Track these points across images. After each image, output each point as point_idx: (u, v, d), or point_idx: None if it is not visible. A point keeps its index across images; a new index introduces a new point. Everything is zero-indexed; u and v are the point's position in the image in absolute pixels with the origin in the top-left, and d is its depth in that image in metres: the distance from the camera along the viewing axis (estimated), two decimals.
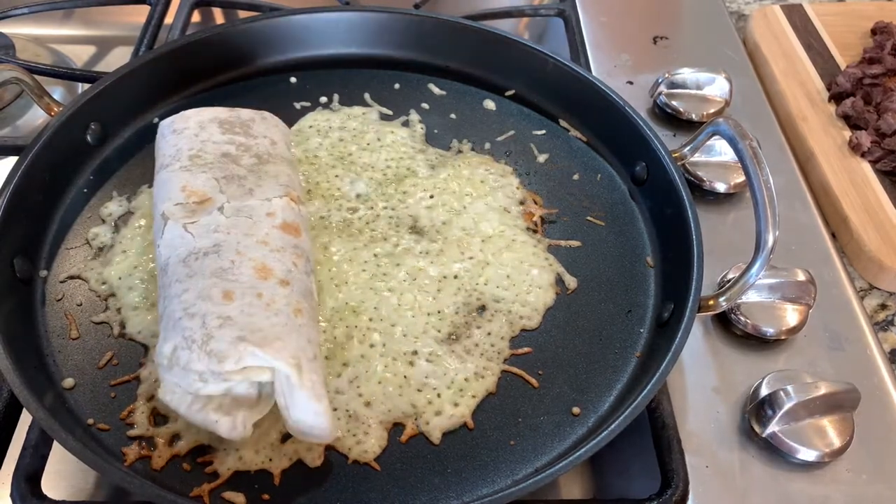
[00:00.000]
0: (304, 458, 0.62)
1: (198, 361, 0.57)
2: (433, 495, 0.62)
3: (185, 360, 0.58)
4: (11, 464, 0.62)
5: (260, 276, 0.63)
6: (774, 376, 0.70)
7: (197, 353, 0.57)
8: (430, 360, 0.69)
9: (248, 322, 0.59)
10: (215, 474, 0.61)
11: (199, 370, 0.57)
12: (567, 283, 0.76)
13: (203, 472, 0.62)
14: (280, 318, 0.60)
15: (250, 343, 0.58)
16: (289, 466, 0.62)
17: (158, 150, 0.76)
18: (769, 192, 0.66)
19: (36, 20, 1.13)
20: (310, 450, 0.63)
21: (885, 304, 0.85)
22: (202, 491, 0.60)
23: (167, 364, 0.59)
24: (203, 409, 0.58)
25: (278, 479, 0.61)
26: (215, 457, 0.62)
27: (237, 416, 0.59)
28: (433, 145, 0.89)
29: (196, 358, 0.57)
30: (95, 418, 0.64)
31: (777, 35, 1.11)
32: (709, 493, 0.66)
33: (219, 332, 0.58)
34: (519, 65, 0.93)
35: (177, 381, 0.58)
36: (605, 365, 0.71)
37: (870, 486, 0.67)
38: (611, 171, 0.87)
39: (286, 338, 0.59)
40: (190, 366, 0.57)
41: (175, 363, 0.58)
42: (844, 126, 0.98)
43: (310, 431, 0.59)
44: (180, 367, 0.58)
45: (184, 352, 0.58)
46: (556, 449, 0.65)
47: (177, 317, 0.60)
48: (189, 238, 0.66)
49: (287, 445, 0.63)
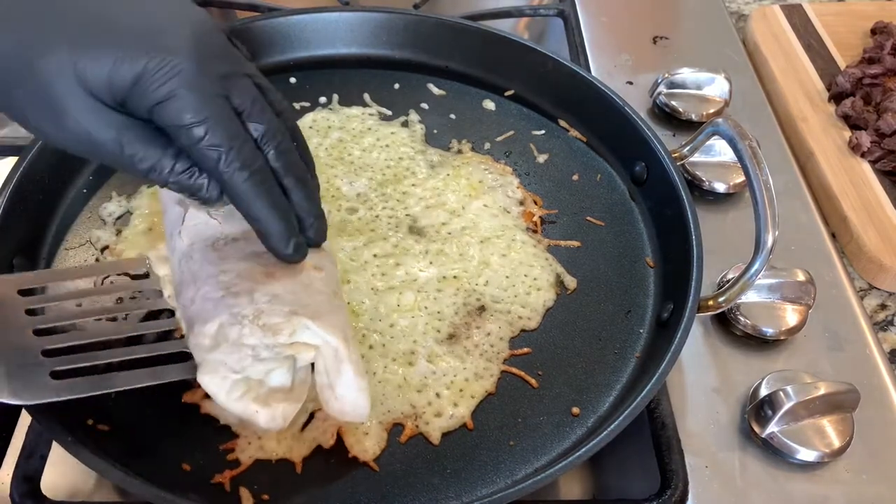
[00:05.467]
0: (322, 443, 0.63)
1: (250, 336, 0.56)
2: (432, 495, 0.62)
3: (236, 336, 0.57)
4: (11, 464, 0.62)
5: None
6: (774, 376, 0.70)
7: (249, 328, 0.57)
8: (430, 361, 0.69)
9: (295, 298, 0.59)
10: (237, 462, 0.62)
11: (252, 344, 0.56)
12: (567, 283, 0.76)
13: (225, 458, 0.62)
14: (322, 297, 0.60)
15: (303, 316, 0.57)
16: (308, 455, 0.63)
17: None
18: (769, 192, 0.66)
19: None
20: (325, 432, 0.63)
21: (885, 304, 0.85)
22: (224, 478, 0.60)
23: (210, 344, 0.57)
24: (243, 398, 0.57)
25: (300, 468, 0.62)
26: (237, 444, 0.62)
27: (276, 408, 0.58)
28: (433, 145, 0.89)
29: (248, 332, 0.56)
30: (95, 418, 0.64)
31: (777, 35, 1.11)
32: (708, 493, 0.66)
33: (269, 307, 0.58)
34: (519, 65, 0.93)
35: (223, 359, 0.57)
36: (604, 365, 0.71)
37: (870, 486, 0.67)
38: (610, 171, 0.87)
39: (333, 314, 0.59)
40: (242, 340, 0.56)
41: (222, 340, 0.57)
42: (844, 126, 0.98)
43: (351, 409, 0.59)
44: (229, 343, 0.57)
45: (233, 328, 0.57)
46: (556, 449, 0.65)
47: (217, 296, 0.59)
48: (214, 224, 0.65)
49: (306, 432, 0.63)
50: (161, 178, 0.54)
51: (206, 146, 0.52)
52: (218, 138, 0.52)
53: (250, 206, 0.55)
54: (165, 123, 0.51)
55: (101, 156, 0.53)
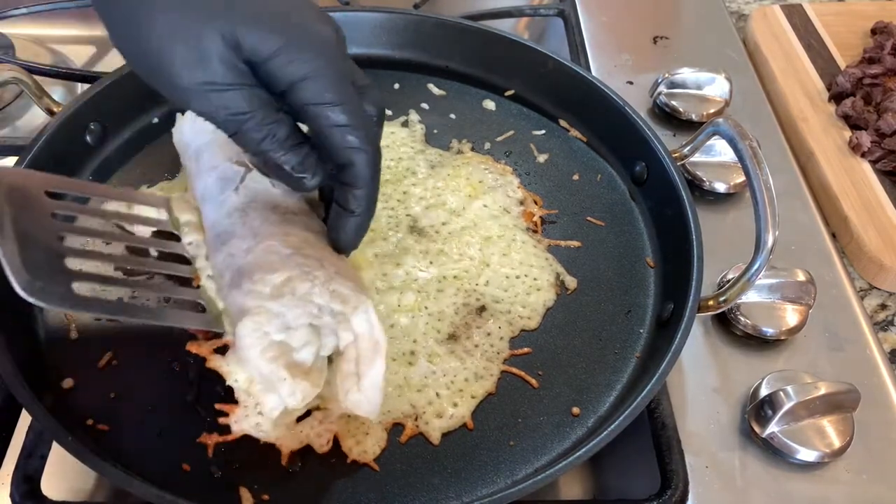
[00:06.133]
0: (313, 444, 0.62)
1: (319, 296, 0.57)
2: (432, 496, 0.62)
3: (304, 291, 0.57)
4: (11, 464, 0.62)
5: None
6: (774, 376, 0.70)
7: (319, 289, 0.58)
8: (430, 361, 0.69)
9: (353, 284, 0.60)
10: (227, 429, 0.60)
11: (319, 303, 0.57)
12: (567, 283, 0.76)
13: (216, 420, 0.61)
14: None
15: (368, 299, 0.59)
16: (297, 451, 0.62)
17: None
18: (769, 192, 0.66)
19: (36, 20, 1.13)
20: (319, 436, 0.63)
21: (885, 304, 0.85)
22: (209, 440, 0.60)
23: (272, 293, 0.58)
24: (276, 360, 0.57)
25: (286, 460, 0.61)
26: (235, 411, 0.60)
27: (300, 384, 0.58)
28: (433, 145, 0.89)
29: (318, 292, 0.57)
30: (95, 418, 0.64)
31: (777, 35, 1.11)
32: (709, 493, 0.66)
33: (337, 277, 0.59)
34: (519, 65, 0.93)
35: (282, 311, 0.57)
36: (604, 365, 0.71)
37: (870, 486, 0.67)
38: (611, 171, 0.87)
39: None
40: (310, 297, 0.57)
41: (288, 292, 0.57)
42: (844, 126, 0.98)
43: (367, 404, 0.60)
44: (295, 296, 0.57)
45: (303, 283, 0.58)
46: (556, 449, 0.65)
47: (285, 252, 0.60)
48: (276, 192, 0.67)
49: (300, 426, 0.63)
50: (271, 147, 0.57)
51: (338, 125, 0.56)
52: (353, 119, 0.57)
53: (368, 185, 0.59)
54: (303, 101, 0.56)
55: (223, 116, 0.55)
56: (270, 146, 0.57)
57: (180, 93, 0.55)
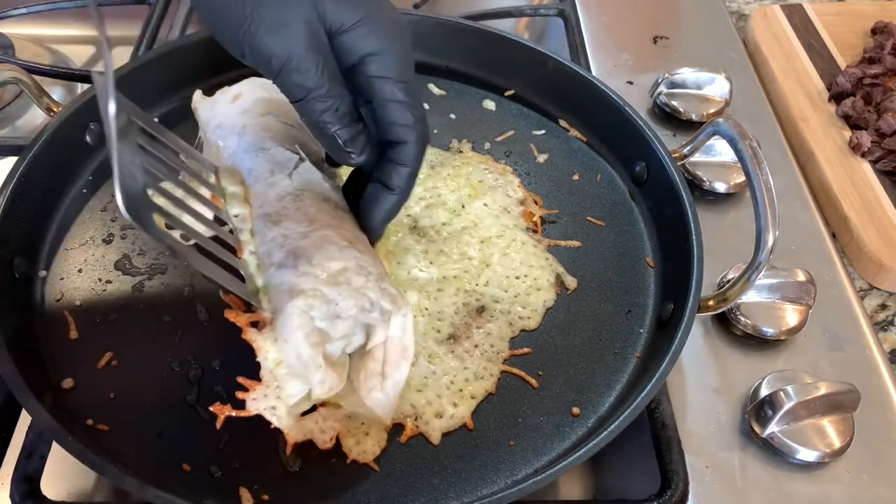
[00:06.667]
0: (316, 439, 0.62)
1: (372, 291, 0.59)
2: (432, 496, 0.62)
3: (359, 284, 0.59)
4: (11, 464, 0.62)
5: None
6: (774, 377, 0.70)
7: (373, 284, 0.59)
8: (430, 361, 0.69)
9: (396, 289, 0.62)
10: (242, 404, 0.59)
11: (371, 298, 0.59)
12: (567, 283, 0.76)
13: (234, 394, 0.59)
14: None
15: (408, 304, 0.61)
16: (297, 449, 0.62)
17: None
18: (769, 192, 0.66)
19: (36, 20, 1.13)
20: (323, 432, 0.63)
21: (885, 304, 0.85)
22: (221, 410, 0.59)
23: (328, 279, 0.59)
24: (316, 347, 0.57)
25: (290, 450, 0.61)
26: (256, 387, 0.59)
27: (331, 374, 0.58)
28: (433, 145, 0.88)
29: (371, 287, 0.59)
30: (95, 418, 0.64)
31: (777, 35, 1.11)
32: (709, 493, 0.66)
33: (387, 277, 0.62)
34: (519, 65, 0.93)
35: (336, 298, 0.58)
36: (604, 365, 0.71)
37: (870, 486, 0.67)
38: (611, 171, 0.87)
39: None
40: (364, 291, 0.59)
41: (343, 282, 0.59)
42: (844, 126, 0.98)
43: (386, 404, 0.61)
44: (350, 287, 0.58)
45: (358, 276, 0.59)
46: (556, 449, 0.65)
47: (342, 244, 0.61)
48: (328, 186, 0.69)
49: (305, 420, 0.62)
50: (330, 120, 0.59)
51: (399, 100, 0.59)
52: (412, 99, 0.60)
53: (414, 163, 0.62)
54: (372, 73, 0.59)
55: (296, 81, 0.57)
56: (330, 119, 0.59)
57: (258, 56, 0.57)
